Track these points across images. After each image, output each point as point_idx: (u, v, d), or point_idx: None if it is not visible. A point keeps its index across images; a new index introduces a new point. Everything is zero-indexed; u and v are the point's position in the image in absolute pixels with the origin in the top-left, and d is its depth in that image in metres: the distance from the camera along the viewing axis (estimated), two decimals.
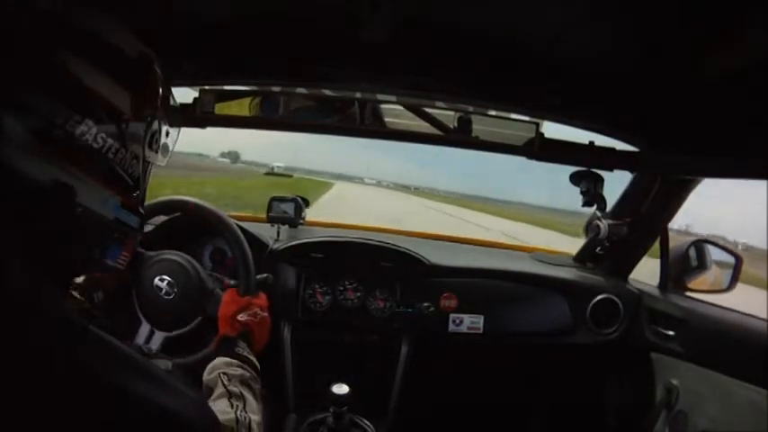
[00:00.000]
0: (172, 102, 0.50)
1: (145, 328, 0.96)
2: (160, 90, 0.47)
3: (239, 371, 0.69)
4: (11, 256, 0.35)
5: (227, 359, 0.72)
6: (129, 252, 0.48)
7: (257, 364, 0.76)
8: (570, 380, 1.49)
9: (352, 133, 1.14)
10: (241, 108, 1.14)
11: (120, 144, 0.42)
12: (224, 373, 0.67)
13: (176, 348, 0.94)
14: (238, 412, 0.58)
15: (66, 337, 0.35)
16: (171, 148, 0.51)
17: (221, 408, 0.59)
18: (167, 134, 0.50)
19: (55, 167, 0.38)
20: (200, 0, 0.79)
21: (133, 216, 0.47)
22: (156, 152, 0.48)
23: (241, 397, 0.63)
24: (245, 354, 0.74)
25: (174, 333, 0.95)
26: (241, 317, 0.83)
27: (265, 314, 0.88)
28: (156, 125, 0.47)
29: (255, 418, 0.60)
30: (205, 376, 0.69)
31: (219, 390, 0.64)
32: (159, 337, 0.95)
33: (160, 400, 0.39)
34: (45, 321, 0.35)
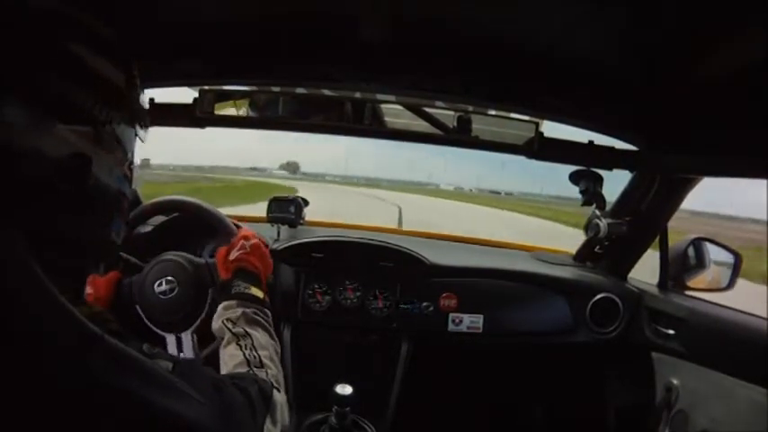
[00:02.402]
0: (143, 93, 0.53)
1: (171, 339, 0.95)
2: (137, 75, 0.50)
3: (239, 310, 0.69)
4: (19, 255, 0.34)
5: (226, 302, 0.71)
6: (125, 227, 0.50)
7: (259, 294, 0.74)
8: (570, 379, 1.49)
9: (352, 133, 1.15)
10: (241, 108, 1.14)
11: (119, 117, 0.45)
12: (227, 319, 0.67)
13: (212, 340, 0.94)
14: (246, 351, 0.60)
15: (80, 346, 0.35)
16: (149, 125, 0.55)
17: (231, 352, 0.61)
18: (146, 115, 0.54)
19: (70, 142, 0.40)
20: (201, 0, 0.79)
21: (128, 187, 0.49)
22: (142, 127, 0.51)
23: (247, 335, 0.64)
24: (241, 290, 0.73)
25: (197, 323, 0.94)
26: (231, 256, 0.81)
27: (253, 241, 0.84)
28: (141, 101, 0.51)
29: (264, 352, 0.61)
30: (213, 327, 0.69)
31: (227, 336, 0.65)
32: (188, 339, 0.95)
33: (174, 407, 0.39)
34: (59, 329, 0.35)
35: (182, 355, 0.94)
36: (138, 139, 0.51)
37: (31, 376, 0.33)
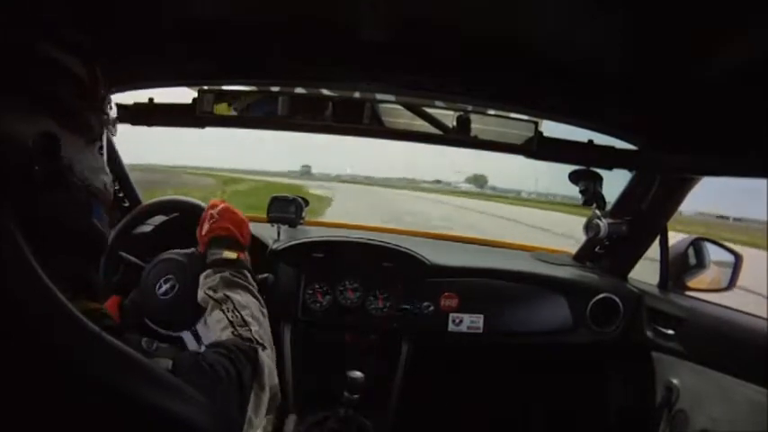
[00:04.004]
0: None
1: (187, 336, 0.95)
2: (102, 76, 0.52)
3: (217, 276, 0.71)
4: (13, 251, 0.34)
5: (205, 272, 0.74)
6: (107, 215, 0.51)
7: (232, 256, 0.75)
8: (570, 379, 1.49)
9: (351, 133, 1.15)
10: (240, 108, 1.14)
11: (86, 105, 0.47)
12: (208, 288, 0.70)
13: None
14: (228, 314, 0.63)
15: (77, 343, 0.35)
16: (117, 120, 0.56)
17: (216, 317, 0.63)
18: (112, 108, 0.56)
19: (36, 124, 0.41)
20: (201, 0, 0.79)
21: (103, 171, 0.50)
22: (108, 118, 0.53)
23: (227, 299, 0.66)
24: (214, 258, 0.75)
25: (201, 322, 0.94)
26: (203, 231, 0.83)
27: (220, 207, 0.85)
28: (105, 97, 0.54)
29: (246, 311, 0.64)
30: (198, 298, 0.72)
31: (210, 303, 0.67)
32: (204, 329, 0.94)
33: (171, 406, 0.39)
34: (56, 326, 0.35)
35: (202, 347, 0.94)
36: (106, 129, 0.53)
37: (27, 375, 0.33)
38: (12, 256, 0.34)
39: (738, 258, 1.21)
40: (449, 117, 1.12)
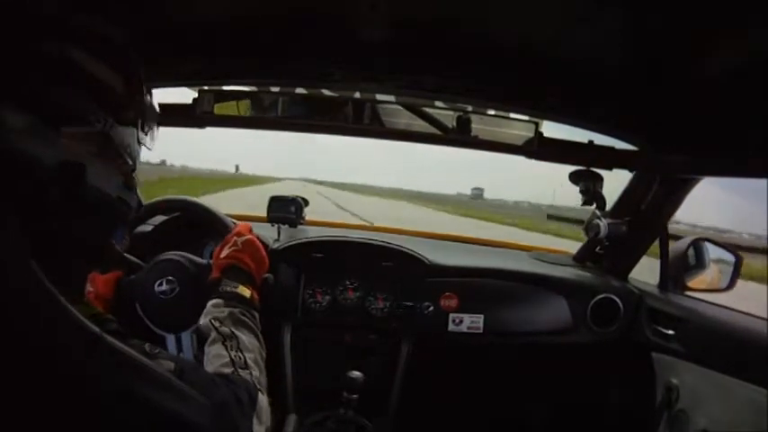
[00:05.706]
0: (149, 95, 0.53)
1: (171, 339, 0.94)
2: (141, 77, 0.50)
3: (226, 310, 0.69)
4: (19, 257, 0.34)
5: (215, 301, 0.71)
6: (128, 234, 0.52)
7: (246, 294, 0.74)
8: (570, 379, 1.49)
9: (351, 133, 1.15)
10: (241, 108, 1.15)
11: (119, 123, 0.46)
12: (214, 318, 0.67)
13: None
14: (232, 353, 0.61)
15: (79, 345, 0.35)
16: (157, 133, 0.55)
17: (217, 352, 0.61)
18: (153, 118, 0.54)
19: (63, 149, 0.40)
20: (201, 0, 0.79)
21: (132, 195, 0.50)
22: (147, 134, 0.51)
23: (233, 336, 0.64)
24: (228, 290, 0.73)
25: (198, 325, 0.94)
26: (222, 254, 0.80)
27: (246, 237, 0.82)
28: (147, 105, 0.51)
29: (249, 354, 0.62)
30: (200, 324, 0.69)
31: (213, 335, 0.65)
32: (187, 339, 0.94)
33: (174, 407, 0.39)
34: (58, 328, 0.35)
35: (181, 355, 0.94)
36: (142, 146, 0.51)
37: (30, 377, 0.33)
38: (13, 260, 0.34)
39: (738, 258, 1.21)
40: (449, 117, 1.12)
